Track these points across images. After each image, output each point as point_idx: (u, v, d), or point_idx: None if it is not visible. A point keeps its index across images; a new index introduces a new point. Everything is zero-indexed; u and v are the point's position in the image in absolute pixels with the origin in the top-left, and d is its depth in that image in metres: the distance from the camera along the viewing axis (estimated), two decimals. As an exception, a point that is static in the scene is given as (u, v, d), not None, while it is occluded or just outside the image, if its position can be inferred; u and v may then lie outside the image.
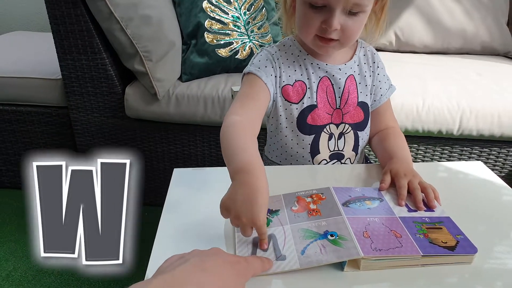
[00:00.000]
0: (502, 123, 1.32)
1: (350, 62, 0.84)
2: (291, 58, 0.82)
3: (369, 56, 0.87)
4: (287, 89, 0.82)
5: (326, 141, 0.84)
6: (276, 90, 0.82)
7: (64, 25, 1.38)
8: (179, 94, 1.43)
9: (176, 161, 1.57)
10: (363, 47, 0.87)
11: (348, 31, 0.73)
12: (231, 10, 1.52)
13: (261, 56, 0.83)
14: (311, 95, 0.82)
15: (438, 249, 0.56)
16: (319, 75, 0.82)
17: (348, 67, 0.83)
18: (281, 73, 0.82)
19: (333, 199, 0.66)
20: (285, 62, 0.82)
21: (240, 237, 0.58)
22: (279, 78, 0.81)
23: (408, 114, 1.33)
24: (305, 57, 0.82)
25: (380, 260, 0.54)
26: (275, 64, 0.81)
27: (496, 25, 1.78)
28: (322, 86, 0.82)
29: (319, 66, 0.82)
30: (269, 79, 0.80)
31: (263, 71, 0.81)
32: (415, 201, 0.66)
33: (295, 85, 0.82)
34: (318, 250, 0.55)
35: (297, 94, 0.82)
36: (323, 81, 0.82)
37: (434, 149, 1.42)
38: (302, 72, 0.82)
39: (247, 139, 0.67)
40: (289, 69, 0.82)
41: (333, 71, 0.82)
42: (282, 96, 0.82)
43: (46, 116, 1.61)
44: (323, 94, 0.82)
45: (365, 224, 0.60)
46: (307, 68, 0.82)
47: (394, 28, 1.81)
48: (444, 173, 0.81)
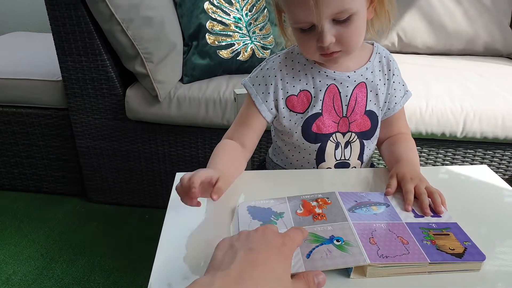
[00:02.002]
0: (506, 125, 1.31)
1: (361, 69, 0.81)
2: (297, 68, 0.81)
3: (384, 63, 0.84)
4: (292, 99, 0.81)
5: (333, 150, 0.83)
6: (279, 103, 0.81)
7: (64, 27, 1.37)
8: (180, 96, 1.42)
9: (177, 164, 1.56)
10: (378, 53, 0.84)
11: (346, 39, 0.71)
12: (233, 11, 1.51)
13: (261, 71, 0.82)
14: (317, 104, 0.80)
15: (445, 256, 0.55)
16: (326, 83, 0.80)
17: (358, 75, 0.81)
18: (284, 85, 0.80)
19: (338, 204, 0.65)
20: (290, 72, 0.81)
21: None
22: (280, 90, 0.80)
23: (411, 116, 1.32)
24: (312, 66, 0.80)
25: (387, 267, 0.53)
26: (274, 79, 0.80)
27: (498, 26, 1.77)
28: (329, 94, 0.80)
29: (327, 74, 0.80)
30: (264, 105, 0.81)
31: (259, 95, 0.81)
32: (422, 207, 0.65)
33: (300, 95, 0.80)
34: (324, 255, 0.54)
35: (302, 104, 0.81)
36: (330, 89, 0.80)
37: (438, 151, 1.41)
38: (308, 81, 0.80)
39: (224, 155, 0.77)
40: (293, 79, 0.80)
41: (342, 79, 0.80)
42: (286, 107, 0.81)
43: (46, 118, 1.60)
44: (329, 102, 0.80)
45: (371, 230, 0.59)
46: (314, 76, 0.80)
47: (396, 29, 1.80)
48: (449, 177, 0.80)
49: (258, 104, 0.81)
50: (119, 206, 1.68)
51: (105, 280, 1.32)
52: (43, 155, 1.68)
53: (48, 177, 1.72)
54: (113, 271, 1.35)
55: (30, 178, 1.73)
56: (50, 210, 1.65)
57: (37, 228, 1.54)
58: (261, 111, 0.81)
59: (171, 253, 0.57)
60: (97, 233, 1.53)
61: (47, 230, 1.53)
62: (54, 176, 1.72)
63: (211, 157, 0.76)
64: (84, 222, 1.59)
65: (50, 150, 1.66)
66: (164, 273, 0.55)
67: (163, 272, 0.55)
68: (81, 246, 1.46)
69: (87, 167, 1.62)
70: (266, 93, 0.81)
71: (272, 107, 0.81)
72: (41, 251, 1.43)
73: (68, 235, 1.52)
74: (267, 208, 0.65)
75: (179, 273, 0.55)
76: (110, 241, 1.49)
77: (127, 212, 1.65)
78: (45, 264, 1.38)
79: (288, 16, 0.74)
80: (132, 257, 1.39)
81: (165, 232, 0.61)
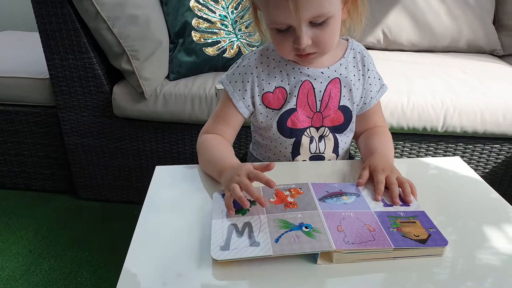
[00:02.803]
0: (485, 120, 1.33)
1: (335, 65, 0.83)
2: (272, 64, 0.82)
3: (358, 59, 0.85)
4: (268, 96, 0.82)
5: (308, 144, 0.85)
6: (255, 99, 0.83)
7: (51, 25, 1.38)
8: (167, 93, 1.43)
9: (165, 160, 1.58)
10: (353, 49, 0.85)
11: (322, 41, 0.72)
12: (218, 9, 1.53)
13: (237, 68, 0.84)
14: (291, 100, 0.82)
15: (409, 242, 0.57)
16: (300, 79, 0.81)
17: (332, 70, 0.82)
18: (260, 82, 0.82)
19: (310, 194, 0.67)
20: (265, 69, 0.82)
21: (216, 224, 0.60)
22: (257, 87, 0.82)
23: (393, 112, 1.35)
24: (287, 63, 0.82)
25: (352, 253, 0.55)
26: (251, 77, 0.82)
27: (482, 24, 1.80)
28: (303, 90, 0.81)
29: (301, 71, 0.81)
30: (241, 102, 0.83)
31: (236, 93, 0.82)
32: (392, 196, 0.67)
33: (275, 92, 0.82)
34: (292, 240, 0.56)
35: (277, 100, 0.82)
36: (304, 85, 0.81)
37: (420, 146, 1.43)
38: (283, 78, 0.82)
39: (225, 149, 0.79)
40: (269, 76, 0.82)
41: (315, 75, 0.82)
42: (263, 104, 0.83)
43: (35, 115, 1.61)
44: (303, 98, 0.82)
45: (340, 218, 0.61)
46: (288, 73, 0.82)
47: (382, 26, 1.82)
48: (423, 169, 0.83)
49: (236, 101, 0.83)
50: (108, 202, 1.70)
51: (92, 275, 1.33)
52: (32, 153, 1.69)
53: (37, 174, 1.73)
54: (100, 266, 1.37)
55: (19, 176, 1.74)
56: (39, 207, 1.66)
57: (26, 225, 1.55)
58: (238, 108, 0.83)
59: (143, 253, 0.58)
60: (85, 229, 1.55)
61: (36, 227, 1.55)
62: (43, 174, 1.73)
63: (209, 152, 0.78)
64: (73, 218, 1.60)
65: (38, 147, 1.67)
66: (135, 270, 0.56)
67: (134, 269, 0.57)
68: (69, 242, 1.47)
69: (76, 164, 1.63)
70: (243, 90, 0.82)
71: (249, 104, 0.83)
72: (29, 247, 1.44)
73: (56, 231, 1.53)
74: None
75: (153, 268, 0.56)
76: (98, 237, 1.50)
77: (116, 209, 1.66)
78: (33, 260, 1.39)
79: (265, 16, 0.74)
80: (119, 253, 1.39)
81: (139, 231, 0.63)
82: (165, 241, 0.60)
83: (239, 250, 0.55)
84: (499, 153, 1.42)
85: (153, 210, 0.67)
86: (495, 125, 1.34)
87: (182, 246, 0.59)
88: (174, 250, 0.58)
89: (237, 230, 0.58)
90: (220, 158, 0.75)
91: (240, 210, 0.63)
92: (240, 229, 0.59)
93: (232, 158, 0.76)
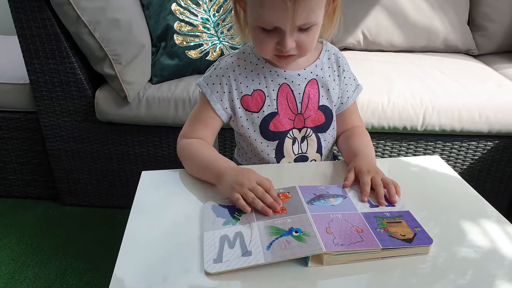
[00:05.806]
0: (462, 118, 1.38)
1: (311, 66, 0.85)
2: (249, 67, 0.83)
3: (333, 60, 0.88)
4: (246, 99, 0.84)
5: (291, 146, 0.87)
6: (234, 103, 0.84)
7: (30, 29, 1.36)
8: (150, 97, 1.43)
9: (149, 164, 1.57)
10: (327, 51, 0.88)
11: (304, 45, 0.75)
12: (200, 12, 1.53)
13: (215, 71, 0.85)
14: (271, 103, 0.83)
15: (396, 242, 0.60)
16: (278, 82, 0.83)
17: (308, 72, 0.84)
18: (238, 85, 0.83)
19: (298, 198, 0.68)
20: (243, 72, 0.83)
21: (207, 236, 0.61)
22: (235, 90, 0.83)
23: (374, 111, 1.38)
24: (263, 66, 0.83)
25: (342, 254, 0.57)
26: (228, 80, 0.83)
27: (457, 24, 1.85)
28: (282, 93, 0.83)
29: (278, 74, 0.83)
30: (219, 104, 0.83)
31: (214, 95, 0.83)
32: (377, 197, 0.70)
33: (254, 94, 0.83)
34: (282, 246, 0.58)
35: (256, 103, 0.84)
36: (282, 88, 0.83)
37: (400, 144, 1.47)
38: (261, 81, 0.83)
39: (213, 152, 0.80)
40: (246, 79, 0.83)
41: (292, 77, 0.84)
42: (242, 107, 0.84)
43: (15, 121, 1.58)
44: (283, 101, 0.84)
45: (328, 220, 0.63)
46: (266, 76, 0.83)
47: (361, 28, 1.85)
48: (403, 168, 0.85)
49: (213, 103, 0.84)
50: (92, 208, 1.68)
51: (78, 281, 1.32)
52: (13, 159, 1.66)
53: (18, 181, 1.70)
54: (86, 272, 1.36)
55: (0, 183, 1.71)
56: (21, 215, 1.63)
57: (8, 233, 1.53)
58: (216, 110, 0.84)
59: (133, 259, 0.59)
60: (70, 235, 1.53)
61: (18, 235, 1.52)
62: (24, 180, 1.70)
63: (197, 157, 0.79)
64: (57, 225, 1.58)
65: (19, 154, 1.64)
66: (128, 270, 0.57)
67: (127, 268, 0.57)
68: (53, 249, 1.46)
69: (59, 170, 1.61)
70: (221, 92, 0.83)
71: (227, 107, 0.84)
72: (12, 255, 1.42)
73: (40, 238, 1.51)
74: (230, 206, 0.68)
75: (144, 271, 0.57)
76: (83, 243, 1.49)
77: (100, 214, 1.65)
78: (17, 268, 1.37)
79: (252, 13, 0.74)
80: (105, 258, 1.39)
81: (128, 236, 0.63)
82: (154, 245, 0.61)
83: (231, 261, 0.56)
84: (476, 150, 1.47)
85: (141, 215, 0.68)
86: (471, 123, 1.38)
87: (171, 250, 0.60)
88: (163, 254, 0.59)
89: (228, 241, 0.59)
90: (213, 161, 0.76)
91: (230, 220, 0.64)
92: (232, 240, 0.60)
93: (225, 160, 0.77)
